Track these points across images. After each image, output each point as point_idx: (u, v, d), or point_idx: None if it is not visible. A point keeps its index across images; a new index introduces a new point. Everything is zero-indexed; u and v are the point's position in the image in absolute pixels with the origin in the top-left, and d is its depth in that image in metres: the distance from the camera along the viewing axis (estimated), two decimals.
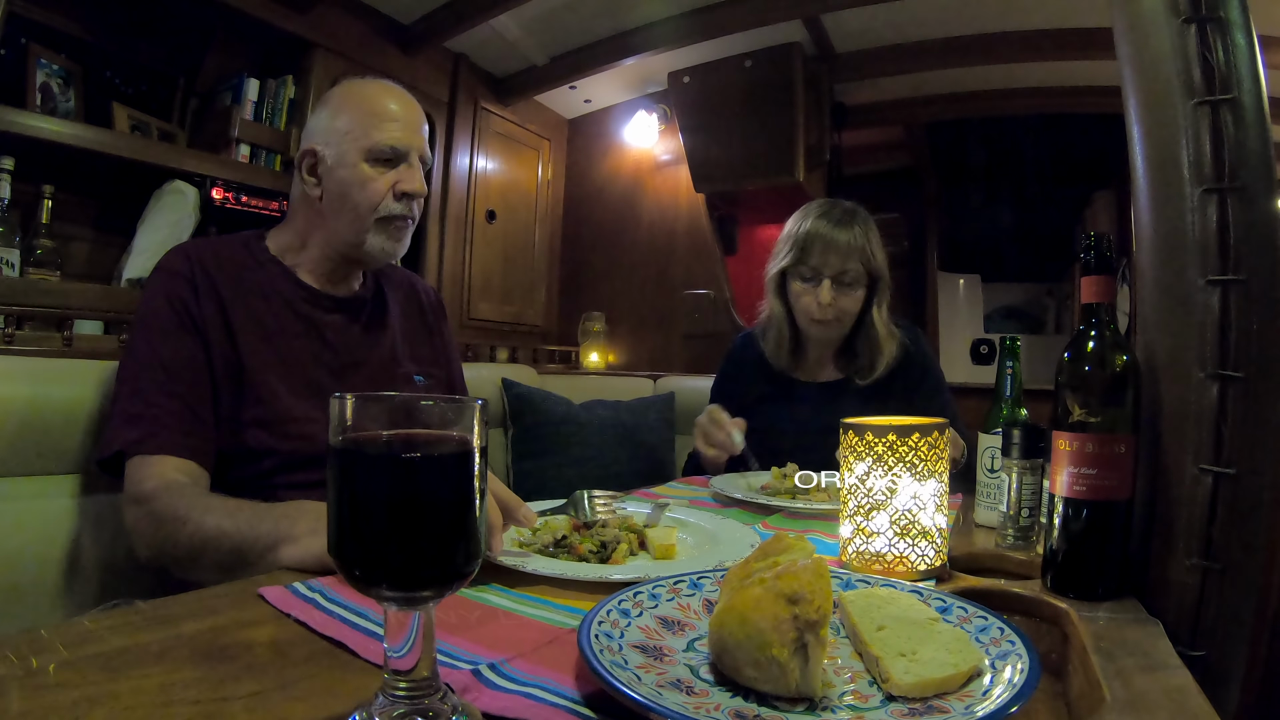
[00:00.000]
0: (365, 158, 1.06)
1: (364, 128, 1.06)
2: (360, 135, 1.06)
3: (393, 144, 1.07)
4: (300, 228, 1.12)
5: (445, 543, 0.40)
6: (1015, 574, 0.76)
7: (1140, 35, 0.66)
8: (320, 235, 1.11)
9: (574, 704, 0.43)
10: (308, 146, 1.09)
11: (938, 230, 4.06)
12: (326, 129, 1.08)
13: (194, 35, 2.40)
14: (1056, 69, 2.78)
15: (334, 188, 1.07)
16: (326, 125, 1.08)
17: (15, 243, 1.85)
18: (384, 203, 1.07)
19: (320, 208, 1.09)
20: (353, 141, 1.06)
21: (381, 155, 1.07)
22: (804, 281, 1.44)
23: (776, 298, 1.51)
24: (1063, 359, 0.67)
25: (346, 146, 1.06)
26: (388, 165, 1.07)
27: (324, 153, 1.07)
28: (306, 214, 1.11)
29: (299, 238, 1.13)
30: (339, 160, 1.06)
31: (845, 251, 1.40)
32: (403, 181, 1.08)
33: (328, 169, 1.07)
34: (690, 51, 2.91)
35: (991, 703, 0.41)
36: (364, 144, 1.06)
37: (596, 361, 3.36)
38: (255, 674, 0.45)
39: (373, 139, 1.06)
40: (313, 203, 1.09)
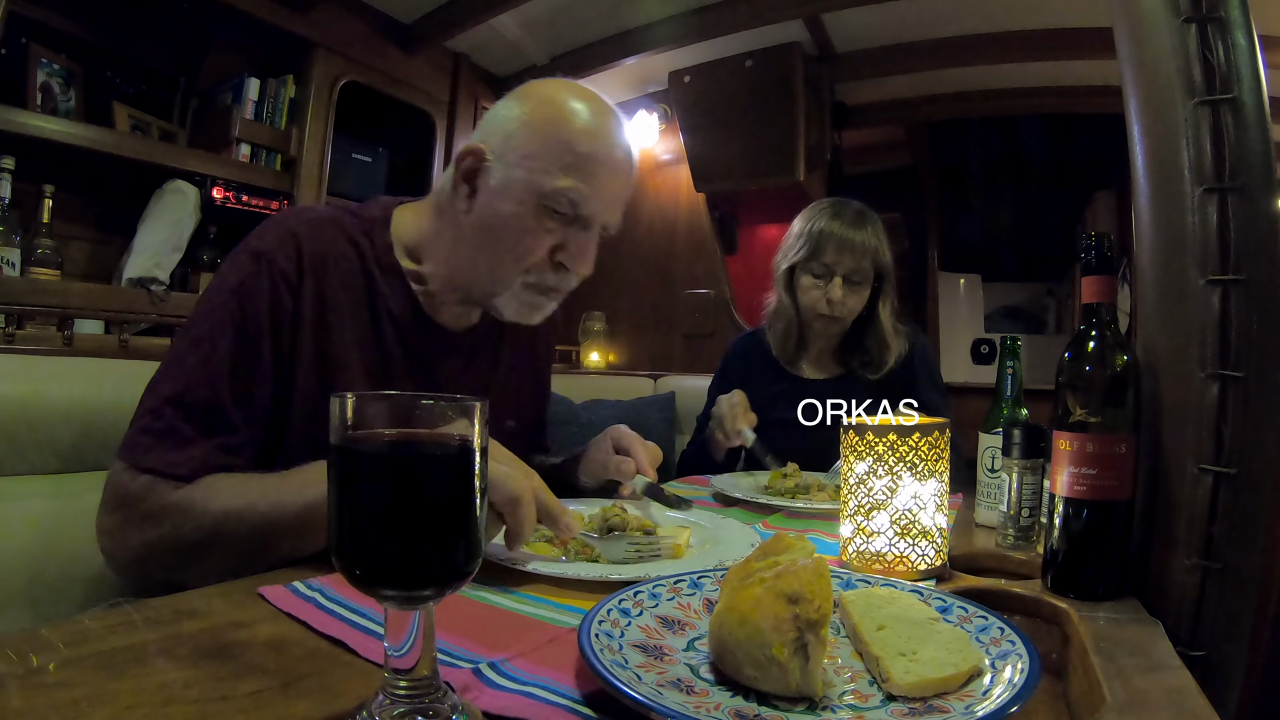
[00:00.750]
0: (539, 201, 0.83)
1: (553, 162, 0.83)
2: (544, 169, 0.83)
3: (579, 200, 0.84)
4: (441, 231, 0.91)
5: (445, 542, 0.40)
6: (1015, 574, 0.76)
7: (1140, 35, 0.66)
8: (450, 257, 0.90)
9: (574, 703, 0.43)
10: (476, 144, 0.87)
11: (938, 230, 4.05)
12: (507, 136, 0.85)
13: (194, 35, 2.40)
14: (1056, 69, 2.78)
15: (486, 215, 0.85)
16: (510, 131, 0.85)
17: (16, 242, 1.85)
18: (537, 265, 0.86)
19: (461, 228, 0.88)
20: (531, 172, 0.83)
21: (557, 207, 0.84)
22: (814, 277, 1.46)
23: (785, 291, 1.53)
24: (1063, 359, 0.67)
25: (520, 173, 0.83)
26: (561, 220, 0.85)
27: (492, 164, 0.85)
28: (448, 221, 0.90)
29: (436, 244, 0.92)
30: (505, 186, 0.84)
31: (859, 252, 1.42)
32: (569, 251, 0.86)
33: (488, 187, 0.85)
34: (690, 51, 2.91)
35: (991, 703, 0.41)
36: (544, 185, 0.83)
37: (597, 361, 3.36)
38: (255, 674, 0.45)
39: (557, 184, 0.83)
40: (456, 216, 0.88)
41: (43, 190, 1.94)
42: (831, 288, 1.43)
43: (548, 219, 0.84)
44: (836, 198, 1.53)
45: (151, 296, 2.04)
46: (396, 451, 0.41)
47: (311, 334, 0.83)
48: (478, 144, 0.87)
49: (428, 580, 0.39)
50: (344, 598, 0.58)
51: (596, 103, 0.88)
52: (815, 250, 1.44)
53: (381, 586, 0.39)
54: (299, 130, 2.47)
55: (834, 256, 1.43)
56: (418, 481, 0.39)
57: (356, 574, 0.39)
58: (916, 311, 3.92)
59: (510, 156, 0.84)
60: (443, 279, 0.92)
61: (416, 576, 0.39)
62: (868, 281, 1.45)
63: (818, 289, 1.45)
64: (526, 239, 0.84)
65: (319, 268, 0.84)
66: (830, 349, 1.56)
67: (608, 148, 0.86)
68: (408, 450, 0.41)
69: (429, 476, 0.40)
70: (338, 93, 2.56)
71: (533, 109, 0.86)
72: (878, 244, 1.44)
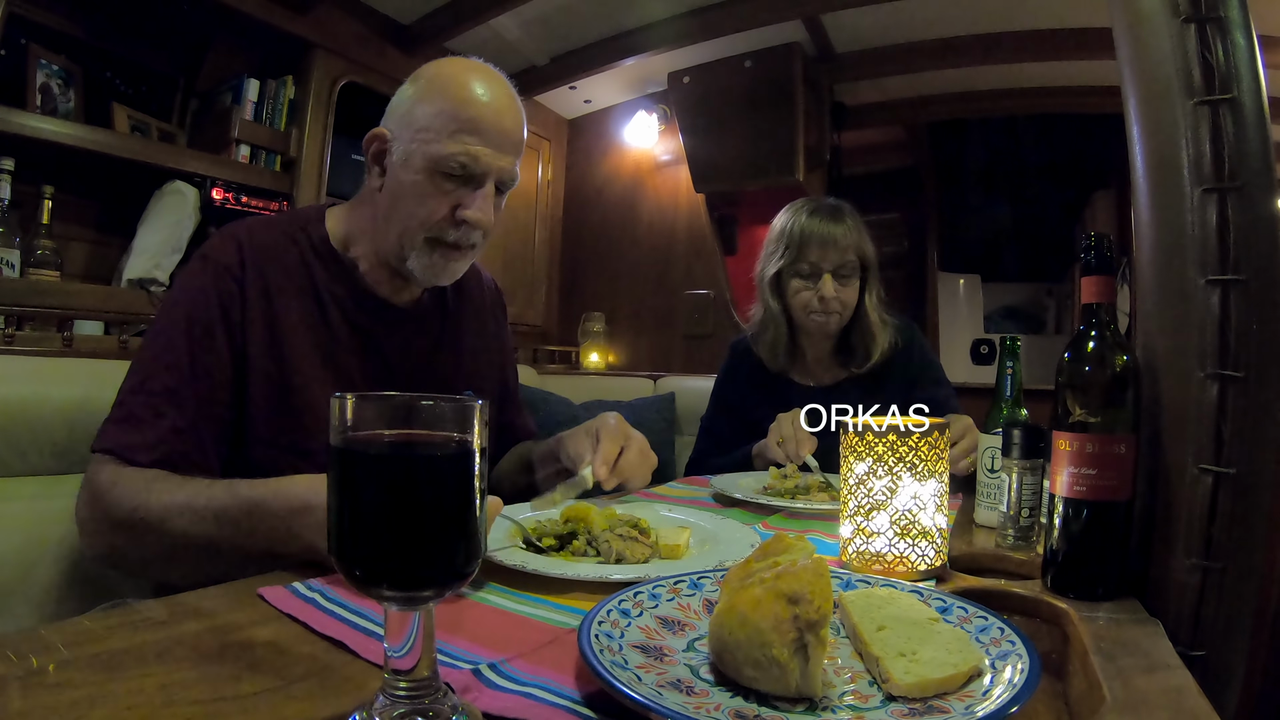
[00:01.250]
0: (430, 167, 0.90)
1: (441, 130, 0.90)
2: (433, 138, 0.90)
3: (467, 162, 0.90)
4: (363, 215, 0.99)
5: (446, 543, 0.40)
6: (1015, 574, 0.76)
7: (1140, 35, 0.66)
8: (373, 235, 0.98)
9: (574, 704, 0.43)
10: (379, 129, 0.95)
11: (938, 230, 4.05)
12: (403, 116, 0.93)
13: (194, 36, 2.41)
14: (1056, 69, 2.78)
15: (392, 187, 0.93)
16: (405, 111, 0.93)
17: (15, 243, 1.85)
18: (438, 224, 0.92)
19: (377, 205, 0.96)
20: (424, 143, 0.90)
21: (451, 170, 0.90)
22: (802, 279, 1.45)
23: (773, 297, 1.51)
24: (1063, 359, 0.67)
25: (415, 147, 0.91)
26: (458, 182, 0.92)
27: (393, 143, 0.93)
28: (367, 204, 0.99)
29: (360, 227, 1.00)
30: (405, 159, 0.92)
31: (843, 245, 1.42)
32: (466, 206, 0.92)
33: (393, 164, 0.93)
34: (690, 51, 2.91)
35: (991, 703, 0.41)
36: (433, 151, 0.90)
37: (597, 362, 3.37)
38: (255, 674, 0.45)
39: (445, 149, 0.89)
40: (374, 194, 0.97)
41: (42, 191, 1.94)
42: (822, 285, 1.42)
43: (445, 182, 0.91)
44: (810, 197, 1.53)
45: (151, 297, 2.04)
46: (396, 452, 0.40)
47: (260, 316, 0.91)
48: (380, 129, 0.95)
49: (428, 581, 0.39)
50: (343, 599, 0.58)
51: (478, 71, 0.95)
52: (800, 251, 1.44)
53: (381, 587, 0.39)
54: (298, 131, 2.47)
55: (819, 253, 1.42)
56: (417, 482, 0.39)
57: (356, 575, 0.39)
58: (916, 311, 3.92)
59: (406, 133, 0.92)
60: (370, 256, 0.99)
61: (416, 577, 0.39)
62: (856, 274, 1.45)
63: (808, 290, 1.44)
64: (427, 201, 0.91)
65: (260, 259, 0.92)
66: (827, 352, 1.55)
67: (490, 109, 0.92)
68: (407, 451, 0.41)
69: (429, 477, 0.40)
70: (337, 93, 2.56)
71: (421, 87, 0.94)
72: (859, 236, 1.44)
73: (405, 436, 0.40)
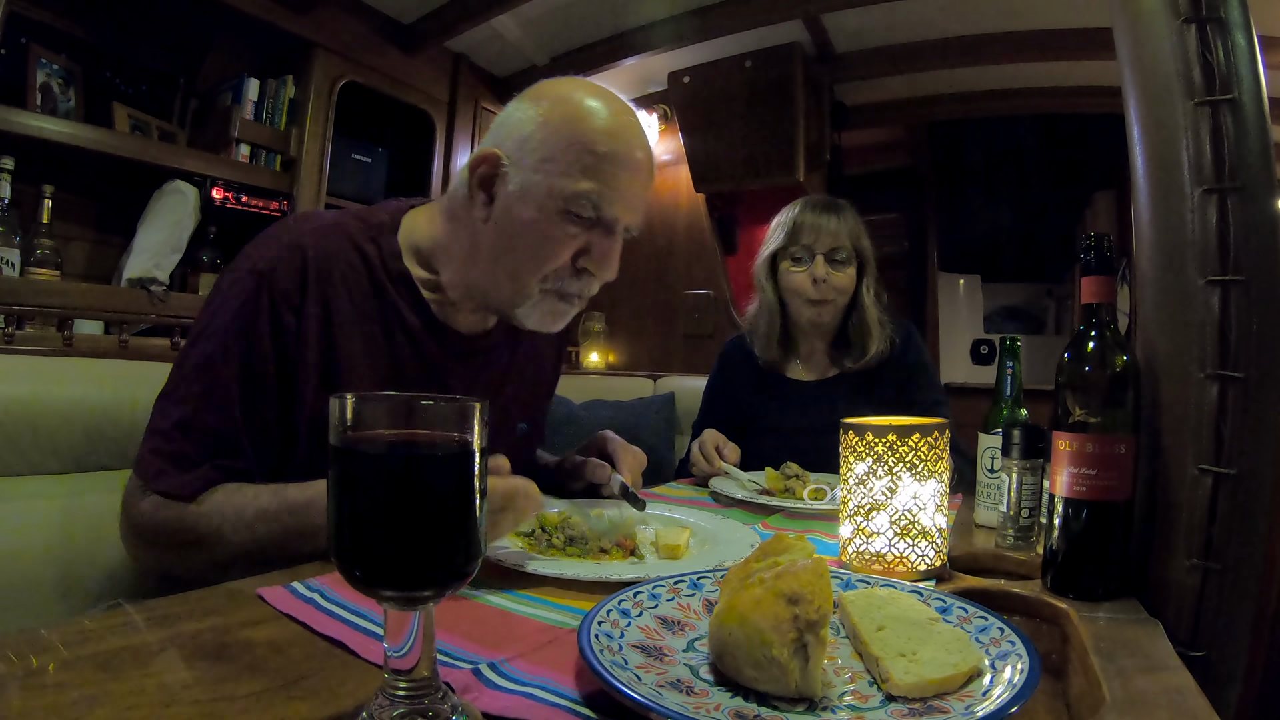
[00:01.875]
0: (560, 205, 0.80)
1: (574, 165, 0.80)
2: (565, 173, 0.80)
3: (602, 205, 0.81)
4: (450, 236, 0.88)
5: (445, 543, 0.40)
6: (1015, 574, 0.76)
7: (1140, 35, 0.66)
8: (467, 265, 0.87)
9: (574, 704, 0.43)
10: (490, 150, 0.83)
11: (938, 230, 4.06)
12: (524, 139, 0.82)
13: (194, 35, 2.41)
14: (1056, 69, 2.78)
15: (505, 223, 0.82)
16: (526, 134, 0.82)
17: (15, 243, 1.85)
18: (558, 271, 0.83)
19: (479, 236, 0.85)
20: (551, 176, 0.80)
21: (581, 211, 0.81)
22: (795, 261, 1.46)
23: (768, 282, 1.52)
24: (1063, 359, 0.67)
25: (540, 179, 0.80)
26: (584, 225, 0.82)
27: (508, 171, 0.82)
28: (464, 228, 0.86)
29: (449, 249, 0.88)
30: (524, 191, 0.81)
31: (835, 231, 1.44)
32: (593, 255, 0.83)
33: (506, 193, 0.82)
34: (690, 51, 2.91)
35: (991, 703, 0.41)
36: (565, 188, 0.80)
37: (597, 361, 3.37)
38: (255, 674, 0.45)
39: (580, 188, 0.80)
40: (474, 224, 0.85)
41: (42, 190, 1.94)
42: (814, 266, 1.43)
43: (569, 224, 0.81)
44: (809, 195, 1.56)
45: (151, 297, 2.04)
46: (396, 453, 0.40)
47: (317, 350, 0.81)
48: (492, 149, 0.83)
49: (428, 581, 0.39)
50: (343, 599, 0.58)
51: (614, 101, 0.84)
52: (794, 234, 1.46)
53: (381, 587, 0.39)
54: (299, 130, 2.47)
55: (812, 236, 1.44)
56: (418, 483, 0.39)
57: (356, 575, 0.39)
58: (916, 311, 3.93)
59: (527, 161, 0.81)
60: (459, 287, 0.89)
61: (416, 577, 0.39)
62: (850, 261, 1.45)
63: (802, 273, 1.45)
64: (549, 245, 0.81)
65: (324, 281, 0.82)
66: (822, 346, 1.54)
67: (628, 147, 0.82)
68: (408, 451, 0.41)
69: (429, 478, 0.40)
70: (337, 93, 2.56)
71: (548, 109, 0.82)
72: (855, 228, 1.46)
73: (405, 437, 0.40)
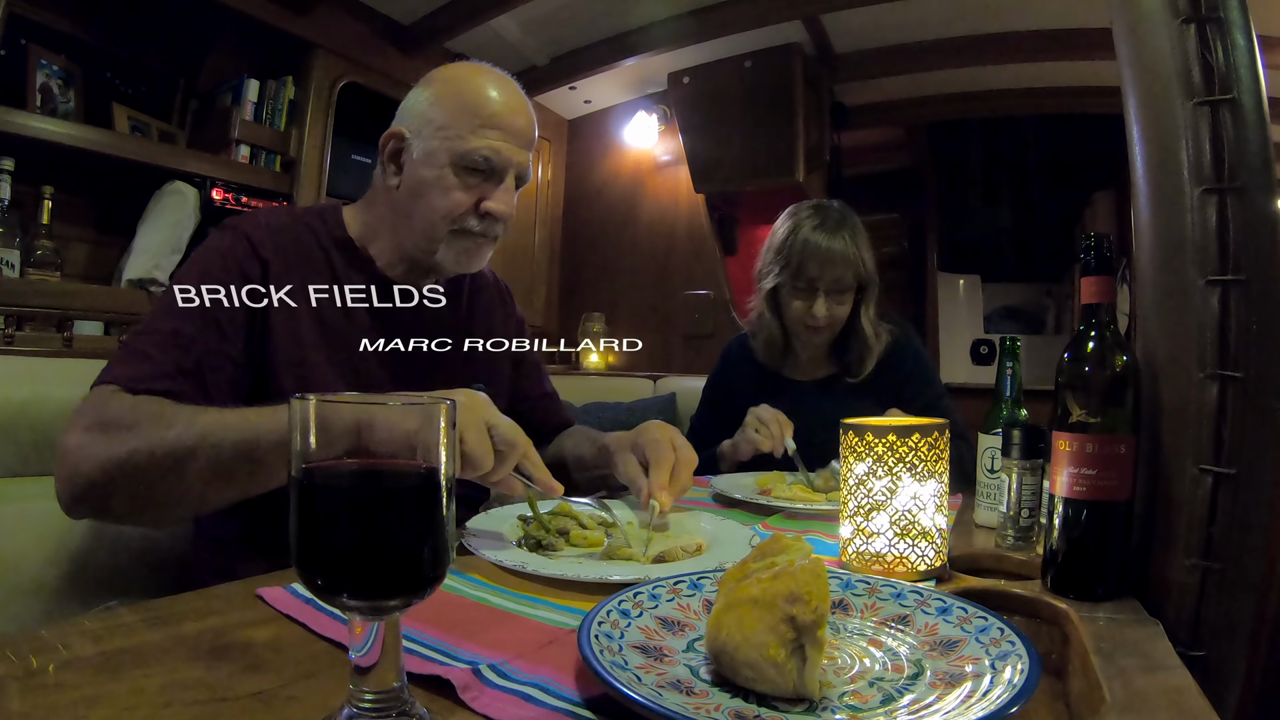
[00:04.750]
0: (454, 162, 0.95)
1: (461, 128, 0.94)
2: (455, 136, 0.94)
3: (489, 155, 0.95)
4: (377, 213, 1.03)
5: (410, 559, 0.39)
6: (1015, 574, 0.76)
7: (1140, 35, 0.66)
8: (391, 229, 1.01)
9: (574, 705, 0.43)
10: (396, 128, 0.98)
11: (938, 230, 4.05)
12: (420, 115, 0.97)
13: (194, 36, 2.41)
14: (1056, 69, 2.78)
15: (413, 184, 0.97)
16: (422, 111, 0.97)
17: (15, 243, 1.85)
18: (462, 216, 0.96)
19: (395, 200, 0.99)
20: (445, 140, 0.94)
21: (474, 165, 0.95)
22: (798, 293, 1.46)
23: (768, 308, 1.53)
24: (1063, 359, 0.67)
25: (437, 144, 0.95)
26: (479, 176, 0.96)
27: (411, 141, 0.97)
28: (384, 201, 1.02)
29: (376, 224, 1.03)
30: (426, 157, 0.95)
31: (839, 263, 1.42)
32: (490, 199, 0.97)
33: (411, 161, 0.97)
34: (690, 52, 2.91)
35: (991, 703, 0.41)
36: (457, 147, 0.94)
37: (597, 362, 3.37)
38: (255, 674, 0.45)
39: (468, 144, 0.94)
40: (389, 192, 1.00)
41: (42, 191, 1.94)
42: (816, 305, 1.44)
43: (468, 176, 0.96)
44: (816, 201, 1.53)
45: (151, 298, 2.04)
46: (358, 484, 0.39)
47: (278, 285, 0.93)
48: (397, 128, 0.98)
49: (393, 590, 0.38)
50: None
51: (491, 73, 1.00)
52: (798, 269, 1.44)
53: (345, 596, 0.38)
54: (298, 131, 2.47)
55: (816, 271, 1.43)
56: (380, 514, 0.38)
57: (318, 584, 0.38)
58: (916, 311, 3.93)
59: (426, 131, 0.95)
60: (390, 252, 1.02)
61: (381, 589, 0.38)
62: (850, 291, 1.46)
63: (803, 306, 1.46)
64: (452, 194, 0.95)
65: (280, 240, 0.95)
66: (821, 352, 1.57)
67: (506, 108, 0.97)
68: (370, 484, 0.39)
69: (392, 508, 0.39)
70: (337, 94, 2.56)
71: (439, 88, 0.98)
72: (858, 252, 1.44)
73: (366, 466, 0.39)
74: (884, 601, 0.58)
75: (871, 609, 0.58)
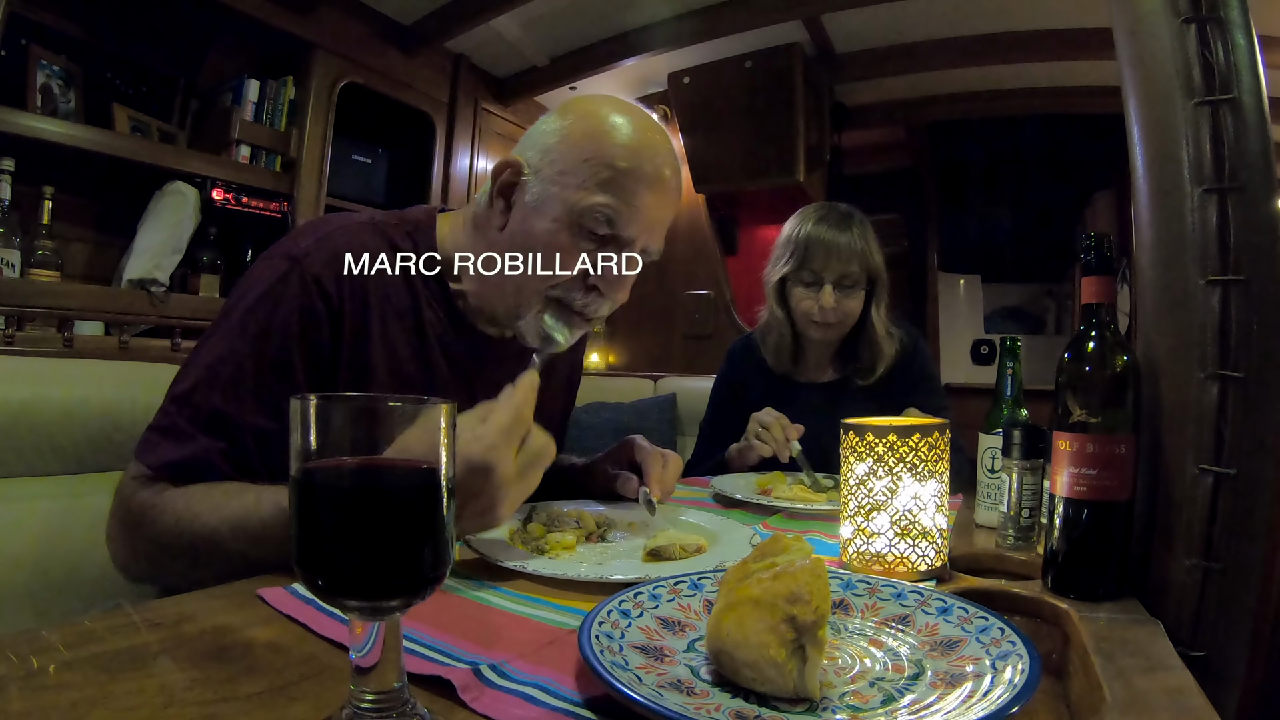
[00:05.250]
0: (574, 218, 0.80)
1: (591, 179, 0.79)
2: (581, 185, 0.79)
3: (617, 222, 0.80)
4: (470, 244, 0.88)
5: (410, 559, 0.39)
6: (1015, 574, 0.76)
7: (1140, 35, 0.66)
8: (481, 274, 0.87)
9: (574, 705, 0.43)
10: (515, 157, 0.84)
11: (938, 230, 4.06)
12: (546, 149, 0.82)
13: (194, 36, 2.41)
14: (1056, 69, 2.78)
15: (519, 232, 0.82)
16: (548, 145, 0.82)
17: (15, 243, 1.85)
18: (566, 284, 0.81)
19: (496, 244, 0.84)
20: (567, 189, 0.80)
21: (595, 227, 0.80)
22: (805, 286, 1.45)
23: (777, 303, 1.52)
24: (1063, 359, 0.67)
25: (556, 190, 0.80)
26: (598, 242, 0.81)
27: (529, 179, 0.82)
28: (482, 237, 0.87)
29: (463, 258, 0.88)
30: (540, 202, 0.81)
31: (846, 255, 1.41)
32: (603, 274, 0.81)
33: (523, 203, 0.82)
34: (690, 52, 2.91)
35: (992, 703, 0.41)
36: (580, 201, 0.79)
37: (597, 362, 3.37)
38: (255, 674, 0.45)
39: (594, 202, 0.79)
40: (491, 232, 0.85)
41: (42, 192, 1.94)
42: (822, 295, 1.42)
43: (583, 239, 0.80)
44: (824, 202, 1.53)
45: (151, 298, 2.04)
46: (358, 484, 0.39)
47: (351, 340, 0.79)
48: (515, 157, 0.83)
49: (393, 591, 0.38)
50: None
51: (641, 119, 0.83)
52: (803, 259, 1.44)
53: (345, 597, 0.38)
54: (299, 131, 2.47)
55: (822, 262, 1.42)
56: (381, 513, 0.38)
57: (319, 584, 0.38)
58: (916, 311, 3.93)
59: (547, 171, 0.81)
60: (475, 296, 0.88)
61: (381, 589, 0.38)
62: (860, 285, 1.45)
63: (810, 299, 1.44)
64: (558, 256, 0.80)
65: (359, 273, 0.81)
66: (828, 356, 1.56)
67: (650, 165, 0.81)
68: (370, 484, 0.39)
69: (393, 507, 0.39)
70: (337, 94, 2.56)
71: (573, 123, 0.82)
72: (865, 246, 1.43)
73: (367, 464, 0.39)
74: (884, 601, 0.58)
75: (872, 609, 0.58)
